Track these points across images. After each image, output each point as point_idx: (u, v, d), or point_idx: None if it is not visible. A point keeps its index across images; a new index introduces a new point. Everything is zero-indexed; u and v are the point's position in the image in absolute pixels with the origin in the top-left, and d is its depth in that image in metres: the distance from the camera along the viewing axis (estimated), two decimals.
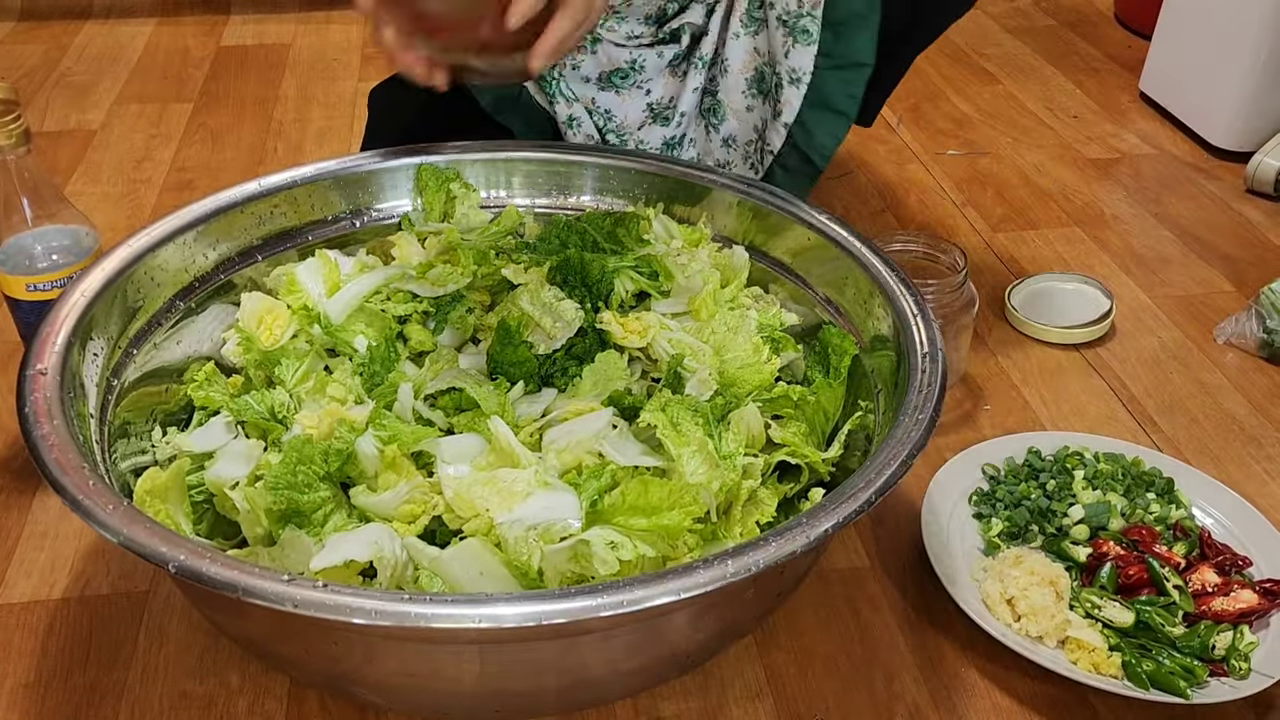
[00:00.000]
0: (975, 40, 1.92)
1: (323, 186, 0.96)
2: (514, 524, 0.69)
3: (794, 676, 0.80)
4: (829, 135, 1.10)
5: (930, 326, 0.78)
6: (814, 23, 1.05)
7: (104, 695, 0.77)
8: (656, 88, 1.15)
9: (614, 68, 1.13)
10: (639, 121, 1.16)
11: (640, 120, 1.16)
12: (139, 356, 0.82)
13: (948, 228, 1.37)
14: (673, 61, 1.14)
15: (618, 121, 1.15)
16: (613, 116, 1.15)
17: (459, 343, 0.88)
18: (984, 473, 0.94)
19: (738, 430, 0.78)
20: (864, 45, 1.06)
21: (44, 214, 0.89)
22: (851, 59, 1.06)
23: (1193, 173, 1.51)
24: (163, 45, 1.86)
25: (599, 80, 1.14)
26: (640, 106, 1.15)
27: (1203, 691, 0.76)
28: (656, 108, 1.15)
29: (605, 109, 1.15)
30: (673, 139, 1.16)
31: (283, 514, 0.71)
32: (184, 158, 1.50)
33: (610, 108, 1.15)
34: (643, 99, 1.15)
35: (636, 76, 1.14)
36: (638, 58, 1.13)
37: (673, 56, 1.14)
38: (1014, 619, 0.80)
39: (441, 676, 0.64)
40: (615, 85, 1.14)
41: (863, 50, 1.06)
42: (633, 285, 0.91)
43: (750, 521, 0.76)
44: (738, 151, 1.17)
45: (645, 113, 1.15)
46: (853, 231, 0.89)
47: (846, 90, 1.08)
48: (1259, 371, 1.13)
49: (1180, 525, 0.89)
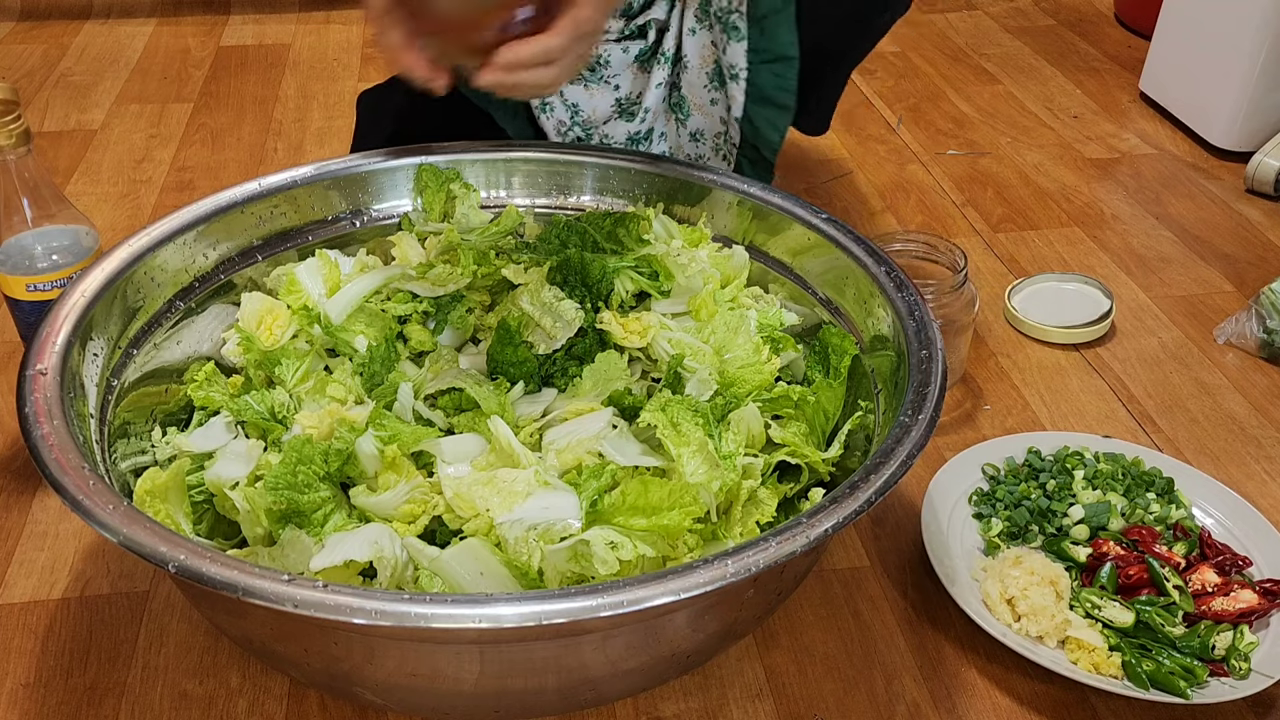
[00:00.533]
0: (975, 40, 1.92)
1: (323, 186, 0.96)
2: (514, 524, 0.69)
3: (794, 676, 0.80)
4: (771, 128, 1.12)
5: (930, 326, 0.78)
6: (741, 19, 1.07)
7: (104, 695, 0.77)
8: (624, 83, 1.16)
9: None
10: (605, 116, 1.16)
11: (607, 115, 1.16)
12: (139, 356, 0.82)
13: (948, 228, 1.37)
14: (639, 57, 1.15)
15: (584, 115, 1.16)
16: (580, 110, 1.15)
17: (459, 343, 0.89)
18: (984, 473, 0.94)
19: (738, 430, 0.78)
20: (785, 38, 1.07)
21: (44, 214, 0.89)
22: (777, 53, 1.08)
23: (1193, 173, 1.51)
24: (163, 45, 1.86)
25: None
26: (609, 101, 1.16)
27: (1203, 691, 0.76)
28: (624, 103, 1.16)
29: (573, 102, 1.15)
30: (638, 134, 1.17)
31: (283, 514, 0.71)
32: (184, 158, 1.50)
33: (578, 101, 1.15)
34: (611, 94, 1.16)
35: (603, 71, 1.15)
36: (603, 52, 1.14)
37: (638, 52, 1.15)
38: (1014, 619, 0.80)
39: (442, 676, 0.64)
40: (583, 79, 1.14)
41: (785, 43, 1.08)
42: (633, 285, 0.91)
43: (750, 521, 0.76)
44: (707, 144, 1.18)
45: (613, 107, 1.16)
46: (853, 231, 0.89)
47: (779, 84, 1.09)
48: (1259, 371, 1.13)
49: (1180, 525, 0.89)
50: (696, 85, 1.13)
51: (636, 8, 1.13)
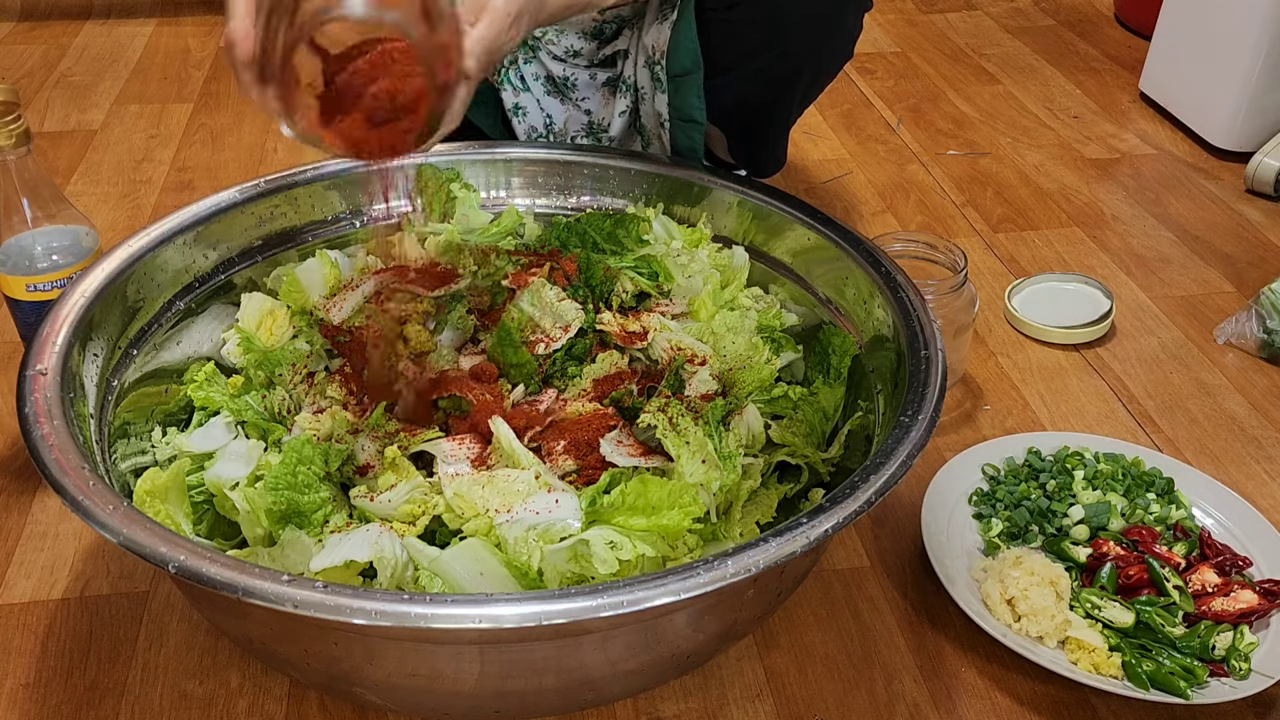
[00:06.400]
0: (975, 40, 1.92)
1: (323, 186, 0.96)
2: (514, 524, 0.69)
3: (794, 676, 0.80)
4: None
5: (930, 326, 0.78)
6: (662, 71, 1.07)
7: (104, 695, 0.77)
8: (594, 106, 1.17)
9: (561, 77, 1.15)
10: (575, 133, 1.17)
11: (577, 132, 1.17)
12: (139, 357, 0.82)
13: (948, 228, 1.37)
14: (605, 84, 1.16)
15: (557, 127, 1.17)
16: (554, 121, 1.16)
17: (459, 343, 0.89)
18: (984, 473, 0.94)
19: (738, 430, 0.78)
20: (694, 103, 1.07)
21: (44, 214, 0.89)
22: (686, 114, 1.08)
23: (1193, 173, 1.51)
24: (163, 45, 1.86)
25: (547, 80, 1.16)
26: (581, 121, 1.17)
27: (1203, 692, 0.76)
28: (595, 126, 1.17)
29: (548, 113, 1.17)
30: None
31: (283, 514, 0.71)
32: (184, 158, 1.50)
33: (552, 113, 1.17)
34: (582, 116, 1.17)
35: (572, 94, 1.16)
36: (571, 76, 1.15)
37: (605, 79, 1.16)
38: (1014, 619, 0.80)
39: (441, 677, 0.64)
40: (561, 92, 1.16)
41: (693, 107, 1.07)
42: (633, 285, 0.91)
43: (750, 521, 0.76)
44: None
45: (583, 127, 1.17)
46: (853, 231, 0.89)
47: (690, 144, 1.09)
48: (1259, 372, 1.13)
49: (1180, 525, 0.89)
50: (651, 115, 1.13)
51: (609, 34, 1.14)
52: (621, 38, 1.13)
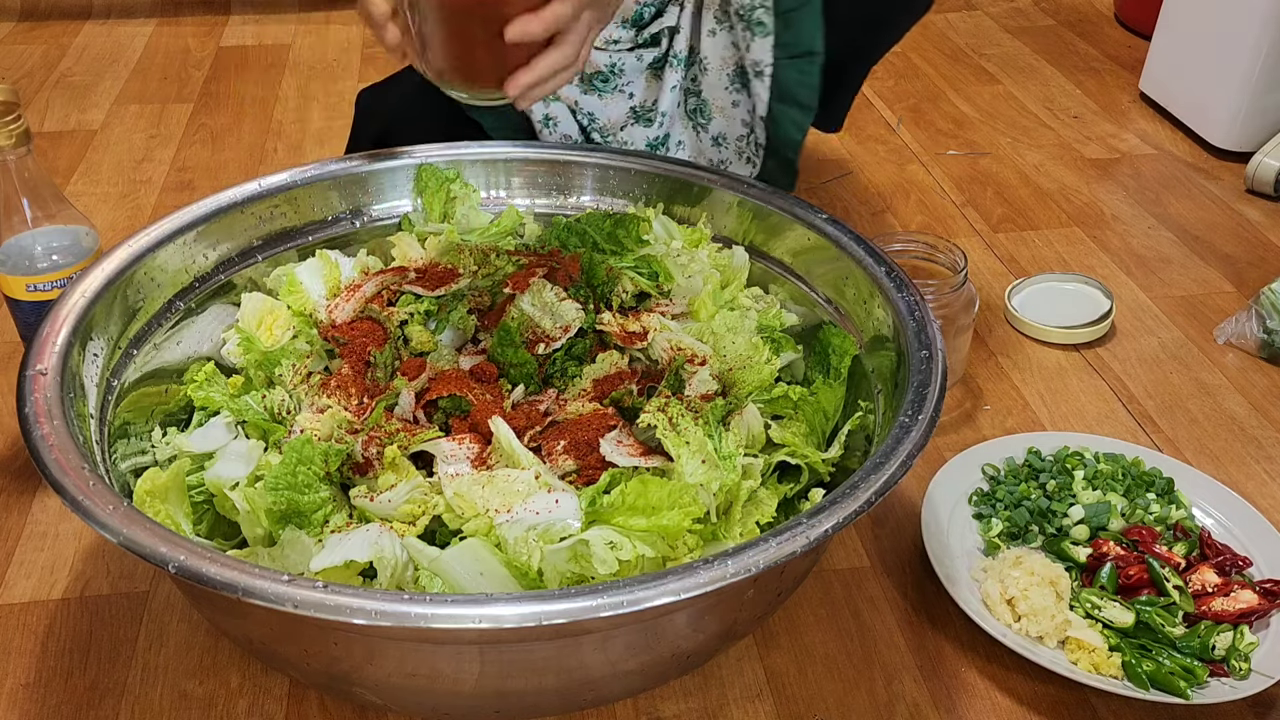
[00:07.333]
0: (975, 40, 1.92)
1: (323, 186, 0.96)
2: (514, 524, 0.69)
3: (794, 676, 0.80)
4: (794, 127, 1.12)
5: (930, 326, 0.78)
6: (767, 14, 1.06)
7: (104, 695, 0.77)
8: (638, 90, 1.16)
9: (594, 70, 1.14)
10: (621, 122, 1.16)
11: (623, 121, 1.16)
12: (139, 357, 0.82)
13: (948, 228, 1.37)
14: (652, 64, 1.15)
15: (601, 123, 1.16)
16: (596, 118, 1.16)
17: (459, 343, 0.88)
18: (984, 473, 0.94)
19: (738, 430, 0.78)
20: (811, 31, 1.07)
21: (44, 214, 0.89)
22: (802, 47, 1.08)
23: (1193, 173, 1.51)
24: (163, 46, 1.86)
25: (581, 82, 1.15)
26: (624, 109, 1.16)
27: (1203, 692, 0.76)
28: (640, 110, 1.16)
29: (589, 111, 1.16)
30: (656, 139, 1.17)
31: (283, 514, 0.71)
32: (184, 158, 1.50)
33: (593, 110, 1.16)
34: (625, 101, 1.16)
35: (617, 80, 1.15)
36: (617, 61, 1.14)
37: (652, 60, 1.15)
38: (1014, 619, 0.80)
39: (441, 676, 0.64)
40: (597, 89, 1.15)
41: (811, 37, 1.07)
42: (633, 285, 0.91)
43: (750, 521, 0.76)
44: (730, 149, 1.17)
45: (629, 114, 1.16)
46: (853, 231, 0.89)
47: (802, 80, 1.09)
48: (1259, 372, 1.13)
49: (1180, 525, 0.89)
50: (717, 87, 1.13)
51: (648, 18, 1.13)
52: (666, 14, 1.13)
